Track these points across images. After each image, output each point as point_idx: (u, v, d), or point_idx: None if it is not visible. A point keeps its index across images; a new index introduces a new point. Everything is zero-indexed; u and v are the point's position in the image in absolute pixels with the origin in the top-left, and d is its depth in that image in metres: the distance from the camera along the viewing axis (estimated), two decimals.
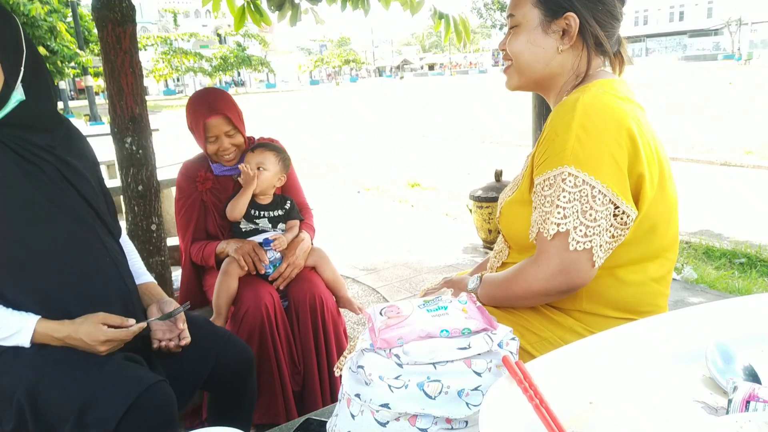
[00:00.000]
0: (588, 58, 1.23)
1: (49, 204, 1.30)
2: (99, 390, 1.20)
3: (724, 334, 0.92)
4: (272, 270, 2.05)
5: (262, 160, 2.05)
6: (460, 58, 77.42)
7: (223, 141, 2.04)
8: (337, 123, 16.82)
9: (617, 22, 1.23)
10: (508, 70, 1.32)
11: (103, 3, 2.29)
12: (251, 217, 2.09)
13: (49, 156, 1.32)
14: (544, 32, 1.23)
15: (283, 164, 2.10)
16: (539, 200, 1.16)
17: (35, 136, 1.31)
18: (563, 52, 1.23)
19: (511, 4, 1.29)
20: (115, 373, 1.25)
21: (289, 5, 2.91)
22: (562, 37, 1.22)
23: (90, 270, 1.34)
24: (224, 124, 2.02)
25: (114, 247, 1.44)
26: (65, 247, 1.31)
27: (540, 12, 1.22)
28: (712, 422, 0.73)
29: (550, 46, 1.23)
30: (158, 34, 33.32)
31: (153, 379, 1.26)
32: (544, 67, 1.26)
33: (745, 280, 3.46)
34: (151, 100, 33.75)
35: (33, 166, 1.29)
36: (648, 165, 1.13)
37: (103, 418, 1.18)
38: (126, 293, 1.42)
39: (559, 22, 1.21)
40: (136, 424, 1.19)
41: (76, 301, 1.30)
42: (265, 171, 2.05)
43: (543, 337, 1.23)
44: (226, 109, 2.03)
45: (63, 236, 1.31)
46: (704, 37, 55.22)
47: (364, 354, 0.92)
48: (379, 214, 5.84)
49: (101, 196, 1.46)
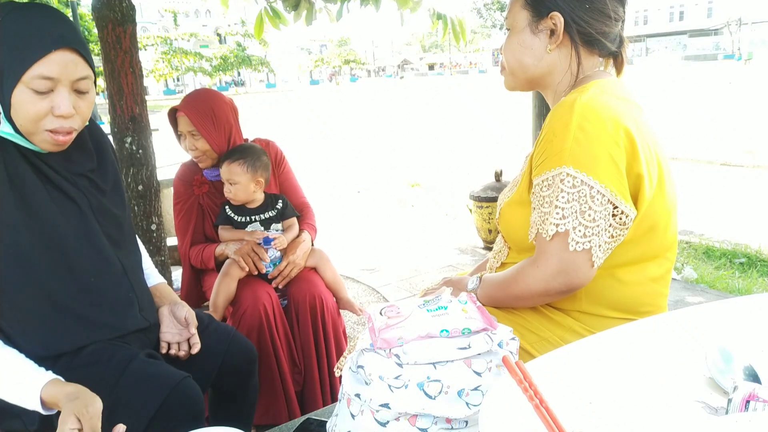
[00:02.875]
0: (578, 57, 1.24)
1: (78, 243, 1.26)
2: (129, 389, 1.19)
3: (724, 334, 0.92)
4: (272, 268, 2.05)
5: (229, 176, 2.00)
6: (461, 58, 77.42)
7: (187, 140, 2.04)
8: (337, 123, 16.81)
9: (612, 21, 1.22)
10: (504, 72, 1.36)
11: (103, 3, 2.29)
12: (241, 225, 2.07)
13: (85, 182, 1.30)
14: (533, 33, 1.25)
15: (253, 170, 2.01)
16: (538, 201, 1.16)
17: (78, 161, 1.29)
18: (552, 51, 1.25)
19: (507, 8, 1.33)
20: (142, 371, 1.24)
21: (306, 4, 2.91)
22: (550, 37, 1.24)
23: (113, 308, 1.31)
24: (187, 123, 2.01)
25: (138, 279, 1.41)
26: (90, 287, 1.27)
27: (528, 13, 1.25)
28: (712, 422, 0.73)
29: (538, 46, 1.25)
30: (158, 34, 33.28)
31: (180, 375, 1.26)
32: (534, 67, 1.28)
33: (745, 280, 3.46)
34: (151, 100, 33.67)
35: (68, 200, 1.25)
36: (647, 165, 1.13)
37: (135, 417, 1.17)
38: (145, 327, 1.39)
39: (545, 22, 1.23)
40: (166, 421, 1.18)
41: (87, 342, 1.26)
42: (236, 185, 2.00)
43: (543, 337, 1.23)
44: (189, 110, 2.00)
45: (90, 279, 1.27)
46: (704, 37, 55.20)
47: (364, 354, 0.92)
48: (379, 214, 5.84)
49: (128, 219, 1.43)
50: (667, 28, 59.15)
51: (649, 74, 25.87)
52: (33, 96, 1.12)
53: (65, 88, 1.14)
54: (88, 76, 1.18)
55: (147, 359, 1.29)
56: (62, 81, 1.13)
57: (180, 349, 1.43)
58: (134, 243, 1.47)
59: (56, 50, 1.12)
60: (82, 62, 1.17)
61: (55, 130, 1.15)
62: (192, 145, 2.03)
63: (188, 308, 1.47)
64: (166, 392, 1.20)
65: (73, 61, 1.14)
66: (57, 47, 1.12)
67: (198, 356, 1.45)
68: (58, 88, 1.13)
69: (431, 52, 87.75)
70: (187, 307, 1.48)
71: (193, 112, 2.00)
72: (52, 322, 1.22)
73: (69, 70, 1.14)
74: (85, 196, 1.29)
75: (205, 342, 1.46)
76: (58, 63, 1.12)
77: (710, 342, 0.88)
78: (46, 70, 1.11)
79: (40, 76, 1.11)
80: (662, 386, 0.83)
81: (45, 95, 1.13)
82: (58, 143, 1.17)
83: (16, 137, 1.18)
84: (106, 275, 1.30)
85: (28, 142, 1.19)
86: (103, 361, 1.24)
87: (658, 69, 31.46)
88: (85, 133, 1.34)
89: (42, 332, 1.21)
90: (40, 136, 1.16)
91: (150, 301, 1.45)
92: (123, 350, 1.28)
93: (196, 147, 2.04)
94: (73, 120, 1.17)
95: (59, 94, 1.13)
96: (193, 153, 2.06)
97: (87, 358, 1.24)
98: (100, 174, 1.35)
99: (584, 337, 1.07)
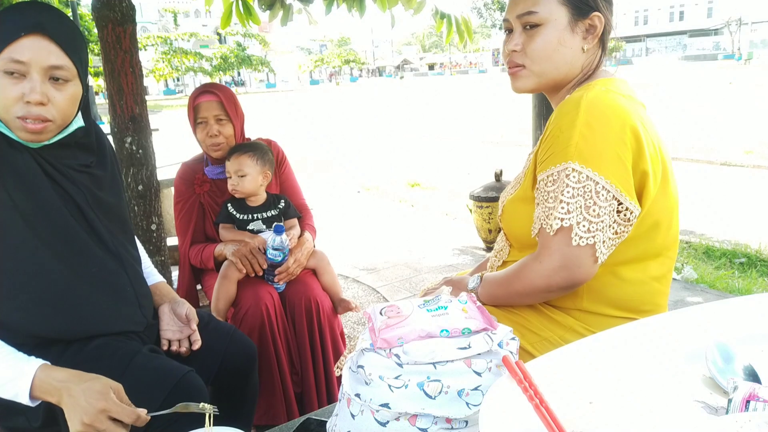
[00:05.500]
0: (600, 57, 1.24)
1: (82, 233, 1.27)
2: (133, 382, 1.19)
3: (724, 334, 0.92)
4: (282, 257, 1.97)
5: (238, 167, 1.99)
6: (461, 57, 77.42)
7: (212, 126, 2.00)
8: (337, 123, 16.81)
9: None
10: (521, 72, 1.25)
11: (103, 3, 2.29)
12: (243, 223, 2.06)
13: (84, 177, 1.30)
14: (572, 31, 1.21)
15: (262, 163, 2.03)
16: (542, 196, 1.16)
17: (77, 156, 1.30)
18: (587, 51, 1.22)
19: (526, 1, 1.21)
20: (146, 365, 1.25)
21: (280, 5, 2.91)
22: (585, 38, 1.22)
23: (113, 302, 1.31)
24: (215, 107, 2.00)
25: (136, 274, 1.41)
26: (90, 280, 1.27)
27: (568, 10, 1.20)
28: (712, 422, 0.73)
29: (576, 46, 1.22)
30: (158, 34, 33.27)
31: (184, 369, 1.26)
32: (569, 68, 1.23)
33: (745, 280, 3.46)
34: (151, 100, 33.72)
35: (67, 193, 1.26)
36: (652, 162, 1.13)
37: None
38: (144, 325, 1.39)
39: (584, 22, 1.21)
40: (170, 415, 1.18)
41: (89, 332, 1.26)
42: (245, 177, 2.00)
43: (543, 336, 1.23)
44: (221, 94, 2.01)
45: (92, 269, 1.28)
46: (704, 37, 55.19)
47: (364, 354, 0.92)
48: (379, 214, 5.84)
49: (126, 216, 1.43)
50: (667, 28, 59.13)
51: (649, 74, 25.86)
52: (6, 80, 1.13)
53: (37, 75, 1.15)
54: (65, 66, 1.18)
55: (151, 354, 1.30)
56: (33, 66, 1.14)
57: (181, 346, 1.43)
58: (132, 239, 1.47)
59: (27, 35, 1.13)
60: (58, 51, 1.17)
61: (24, 116, 1.15)
62: (216, 130, 2.01)
63: (189, 305, 1.48)
64: (171, 385, 1.21)
65: (45, 48, 1.15)
66: (29, 32, 1.13)
67: (198, 353, 1.45)
68: (30, 74, 1.14)
69: (431, 52, 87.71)
70: (187, 304, 1.48)
71: (225, 96, 2.01)
72: (50, 311, 1.23)
73: (41, 56, 1.14)
74: (82, 191, 1.29)
75: (206, 339, 1.46)
76: (28, 48, 1.13)
77: (710, 342, 0.88)
78: (16, 54, 1.12)
79: (10, 59, 1.12)
80: (662, 386, 0.83)
81: (17, 81, 1.14)
82: (28, 130, 1.17)
83: (2, 127, 1.19)
84: (104, 268, 1.30)
85: (11, 132, 1.19)
86: (107, 355, 1.25)
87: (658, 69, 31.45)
88: (92, 133, 1.35)
89: (40, 321, 1.22)
90: (13, 123, 1.16)
91: (148, 298, 1.45)
92: (127, 345, 1.29)
93: (220, 133, 2.02)
94: (45, 109, 1.16)
95: (30, 80, 1.14)
96: (214, 140, 2.02)
97: (91, 353, 1.25)
98: (99, 169, 1.36)
99: (584, 336, 1.07)
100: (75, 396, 1.05)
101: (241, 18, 2.94)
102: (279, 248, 1.94)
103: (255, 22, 2.98)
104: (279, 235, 1.94)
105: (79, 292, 1.25)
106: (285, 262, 1.99)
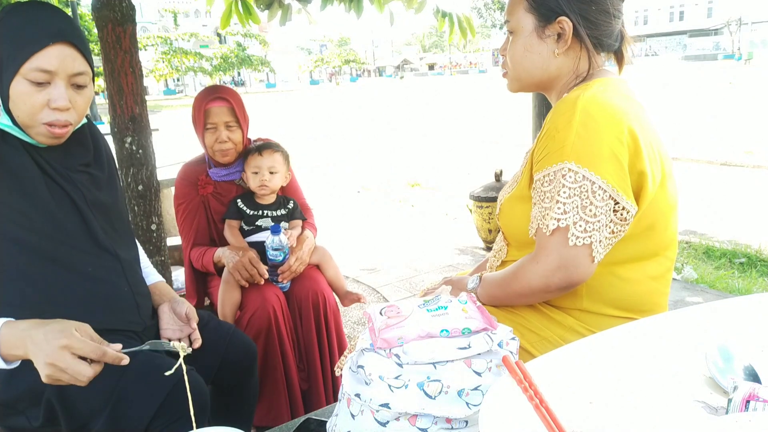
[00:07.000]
0: (588, 58, 1.23)
1: (78, 232, 1.27)
2: (135, 380, 1.19)
3: (724, 334, 0.92)
4: (282, 257, 1.97)
5: (272, 164, 2.01)
6: (460, 57, 77.41)
7: (221, 132, 1.98)
8: (337, 123, 16.82)
9: (614, 19, 1.23)
10: (506, 76, 1.34)
11: (103, 3, 2.29)
12: (252, 219, 2.06)
13: (82, 177, 1.30)
14: (539, 38, 1.23)
15: (288, 163, 2.10)
16: (539, 196, 1.16)
17: (74, 154, 1.30)
18: (560, 55, 1.23)
19: (506, 10, 1.30)
20: (148, 362, 1.24)
21: (278, 5, 2.91)
22: (557, 41, 1.22)
23: (109, 302, 1.31)
24: (226, 113, 1.98)
25: (135, 273, 1.41)
26: (87, 280, 1.27)
27: (534, 18, 1.23)
28: (712, 422, 0.73)
29: (546, 51, 1.24)
30: (158, 34, 33.27)
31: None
32: (542, 72, 1.26)
33: (745, 280, 3.46)
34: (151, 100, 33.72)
35: (65, 192, 1.26)
36: (650, 162, 1.13)
37: (140, 410, 1.17)
38: (142, 325, 1.39)
39: (552, 27, 1.21)
40: (171, 413, 1.19)
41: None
42: (275, 174, 2.03)
43: (543, 336, 1.23)
44: (231, 99, 2.00)
45: (88, 269, 1.28)
46: (704, 37, 55.16)
47: (364, 354, 0.92)
48: (379, 214, 5.84)
49: (125, 215, 1.44)
50: (667, 28, 59.15)
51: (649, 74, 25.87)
52: (31, 88, 1.14)
53: (62, 82, 1.16)
54: (86, 71, 1.20)
55: (150, 352, 1.30)
56: (59, 74, 1.15)
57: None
58: (131, 239, 1.47)
59: (54, 44, 1.14)
60: (80, 57, 1.18)
61: (52, 123, 1.17)
62: (226, 137, 2.00)
63: (188, 304, 1.48)
64: (172, 383, 1.20)
65: (70, 55, 1.16)
66: (55, 41, 1.14)
67: (198, 352, 1.45)
68: (55, 81, 1.15)
69: (431, 52, 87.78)
70: (187, 303, 1.48)
71: (236, 101, 2.01)
72: (46, 310, 1.21)
73: (66, 64, 1.15)
74: (80, 191, 1.29)
75: (206, 338, 1.46)
76: (55, 56, 1.14)
77: (710, 342, 0.88)
78: (43, 63, 1.13)
79: (37, 69, 1.13)
80: (662, 386, 0.83)
81: (42, 88, 1.15)
82: (54, 136, 1.19)
83: (15, 129, 1.19)
84: (102, 268, 1.30)
85: (25, 135, 1.20)
86: None
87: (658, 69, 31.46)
88: (86, 129, 1.35)
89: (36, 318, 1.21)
90: (37, 128, 1.18)
91: (146, 298, 1.45)
92: (128, 343, 1.29)
93: (230, 139, 2.01)
94: (69, 114, 1.18)
95: (56, 87, 1.15)
96: (223, 146, 2.01)
97: None
98: (96, 169, 1.36)
99: (584, 336, 1.07)
100: (37, 340, 0.98)
101: (240, 18, 2.94)
102: (278, 248, 1.94)
103: (255, 21, 2.98)
104: (276, 236, 1.94)
105: (75, 292, 1.25)
106: (286, 261, 1.98)
